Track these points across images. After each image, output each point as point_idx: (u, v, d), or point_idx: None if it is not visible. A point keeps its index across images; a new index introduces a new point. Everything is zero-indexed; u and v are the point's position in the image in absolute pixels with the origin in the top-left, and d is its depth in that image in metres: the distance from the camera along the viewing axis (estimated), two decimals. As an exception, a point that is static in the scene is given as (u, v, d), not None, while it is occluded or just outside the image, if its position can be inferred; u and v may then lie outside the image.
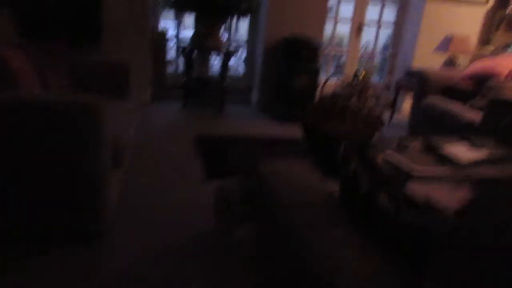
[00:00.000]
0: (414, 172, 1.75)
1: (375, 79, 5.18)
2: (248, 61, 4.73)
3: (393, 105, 4.47)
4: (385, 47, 5.22)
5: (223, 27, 4.10)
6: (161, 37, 4.28)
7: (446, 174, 1.82)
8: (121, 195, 2.24)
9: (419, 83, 3.77)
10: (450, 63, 4.12)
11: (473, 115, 3.09)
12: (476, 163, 2.04)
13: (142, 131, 3.30)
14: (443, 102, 3.48)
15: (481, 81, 3.41)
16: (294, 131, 3.81)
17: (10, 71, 1.60)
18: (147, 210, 2.22)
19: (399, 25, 4.97)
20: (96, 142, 1.66)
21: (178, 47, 4.18)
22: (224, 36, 4.20)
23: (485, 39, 4.65)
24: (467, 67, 3.90)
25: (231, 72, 4.69)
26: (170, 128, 3.62)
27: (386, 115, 4.72)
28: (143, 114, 3.84)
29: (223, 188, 2.02)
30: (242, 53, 5.39)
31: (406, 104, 4.69)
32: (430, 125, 3.59)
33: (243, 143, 3.39)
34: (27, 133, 1.58)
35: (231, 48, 4.23)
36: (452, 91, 3.57)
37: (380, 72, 5.31)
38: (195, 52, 4.16)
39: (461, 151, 2.02)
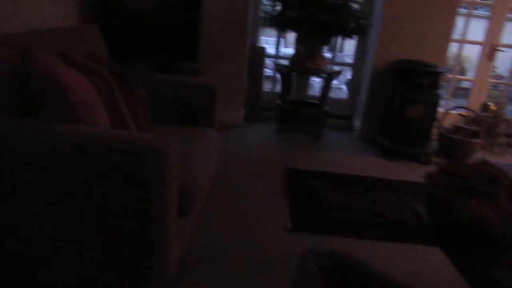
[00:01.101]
0: None
1: (508, 113, 4.30)
2: (352, 84, 4.23)
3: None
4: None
5: (326, 48, 3.67)
6: (260, 54, 3.99)
7: None
8: (188, 249, 1.91)
9: None
10: None
11: None
12: None
13: (226, 161, 2.99)
14: None
15: None
16: (404, 173, 3.24)
17: (70, 102, 1.36)
18: (216, 270, 1.86)
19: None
20: (159, 193, 1.34)
21: (276, 66, 3.86)
22: (326, 57, 3.77)
23: None
24: None
25: (332, 95, 4.23)
26: (259, 157, 3.26)
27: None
28: (231, 138, 3.55)
29: (310, 257, 1.57)
30: (345, 75, 4.90)
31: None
32: None
33: (342, 183, 2.90)
34: (70, 178, 1.32)
35: (334, 70, 3.77)
36: None
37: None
38: (294, 73, 3.79)
39: None
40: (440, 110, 3.79)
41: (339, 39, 3.99)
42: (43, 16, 2.34)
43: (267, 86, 4.34)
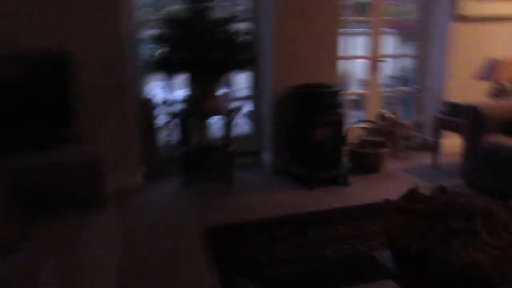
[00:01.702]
0: None
1: (402, 118, 4.46)
2: (254, 117, 4.02)
3: (436, 147, 3.71)
4: (408, 81, 4.55)
5: (220, 85, 3.41)
6: (148, 104, 3.59)
7: None
8: None
9: (472, 120, 3.04)
10: (500, 92, 3.41)
11: None
12: None
13: (131, 243, 2.48)
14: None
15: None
16: (328, 200, 3.06)
17: None
18: None
19: (421, 56, 4.32)
20: None
21: (170, 114, 3.49)
22: (222, 94, 3.52)
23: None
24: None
25: (235, 132, 3.97)
26: (170, 224, 2.76)
27: (423, 158, 3.98)
28: (132, 208, 3.05)
29: None
30: (244, 110, 4.71)
31: (447, 145, 3.95)
32: (498, 172, 2.83)
33: (273, 229, 2.59)
34: None
35: (232, 107, 3.53)
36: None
37: (406, 110, 4.61)
38: (191, 118, 3.45)
39: None
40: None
41: (232, 74, 3.78)
42: None
43: (163, 137, 3.92)
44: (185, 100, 3.36)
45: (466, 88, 3.80)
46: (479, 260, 0.91)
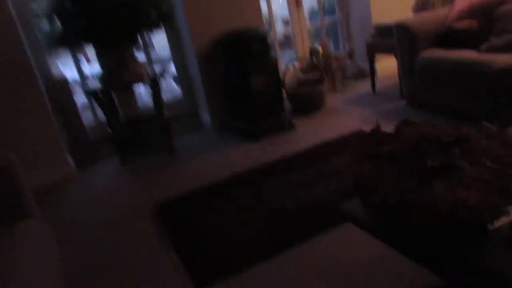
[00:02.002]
0: None
1: (333, 49, 4.36)
2: (182, 78, 3.73)
3: (372, 73, 3.66)
4: (332, 11, 4.40)
5: (135, 50, 3.06)
6: (62, 86, 3.18)
7: None
8: None
9: (403, 38, 2.97)
10: (424, 6, 3.35)
11: (505, 59, 2.32)
12: None
13: (73, 244, 2.21)
14: (448, 54, 2.70)
15: (485, 14, 2.65)
16: (275, 150, 2.93)
17: None
18: None
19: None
20: None
21: (88, 92, 3.11)
22: (141, 60, 3.18)
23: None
24: (450, 5, 3.13)
25: (166, 97, 3.66)
26: (115, 212, 2.49)
27: (362, 86, 3.94)
28: (67, 204, 2.74)
29: None
30: (170, 72, 4.37)
31: (382, 68, 3.92)
32: (438, 87, 2.82)
33: (227, 192, 2.43)
34: None
35: (156, 71, 3.21)
36: (450, 39, 2.80)
37: (336, 41, 4.49)
38: (112, 91, 3.10)
39: None
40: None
41: (148, 36, 3.41)
42: None
43: (88, 118, 3.55)
44: (102, 74, 3.00)
45: (391, 7, 3.73)
46: (467, 198, 0.80)
